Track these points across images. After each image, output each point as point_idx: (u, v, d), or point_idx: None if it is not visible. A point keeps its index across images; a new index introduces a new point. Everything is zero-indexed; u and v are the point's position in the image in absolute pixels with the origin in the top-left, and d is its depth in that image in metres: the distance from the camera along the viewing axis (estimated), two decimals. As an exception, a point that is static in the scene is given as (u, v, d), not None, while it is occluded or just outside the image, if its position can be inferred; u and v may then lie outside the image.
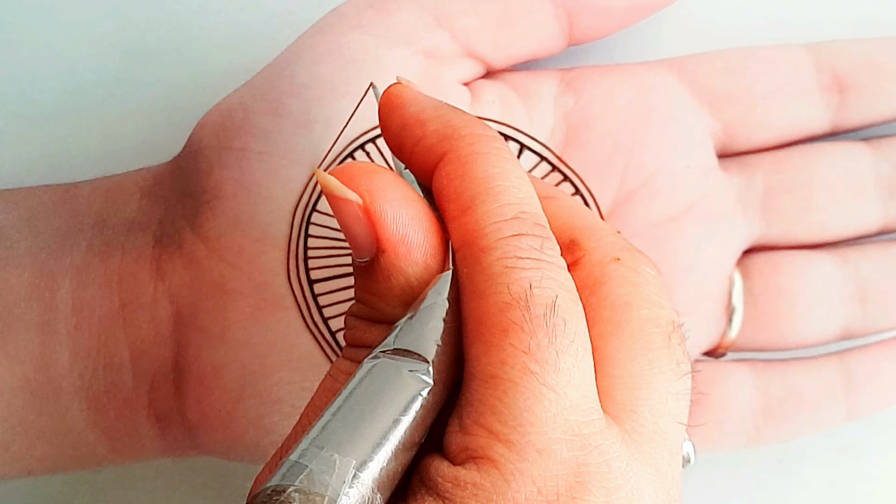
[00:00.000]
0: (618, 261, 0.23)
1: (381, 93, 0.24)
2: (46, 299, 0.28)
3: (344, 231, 0.23)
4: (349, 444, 0.19)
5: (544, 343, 0.20)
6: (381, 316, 0.23)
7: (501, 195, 0.22)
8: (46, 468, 0.29)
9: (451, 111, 0.24)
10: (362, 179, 0.22)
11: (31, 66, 0.34)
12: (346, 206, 0.22)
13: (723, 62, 0.31)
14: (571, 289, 0.21)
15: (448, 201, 0.22)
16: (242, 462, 0.29)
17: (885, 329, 0.31)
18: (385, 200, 0.22)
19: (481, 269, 0.21)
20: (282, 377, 0.28)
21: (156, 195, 0.29)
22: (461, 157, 0.22)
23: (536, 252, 0.21)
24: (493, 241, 0.21)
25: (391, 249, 0.22)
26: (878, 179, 0.31)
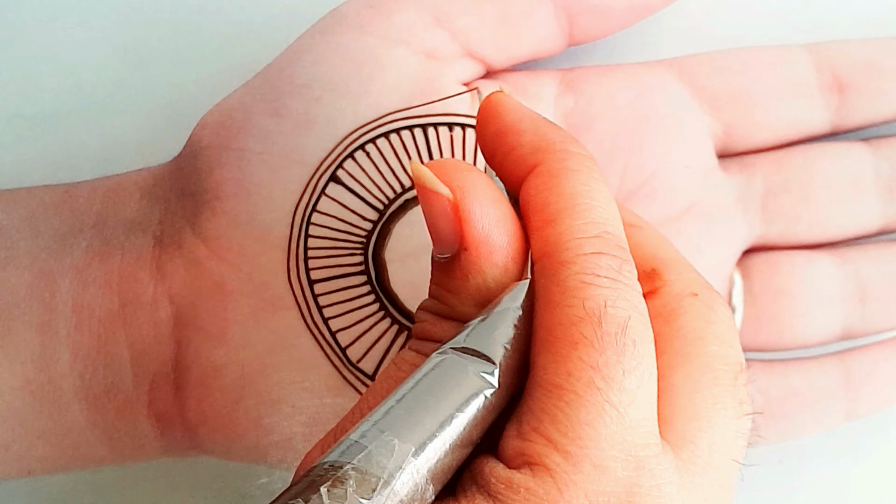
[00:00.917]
0: (695, 296, 0.23)
1: (483, 97, 0.25)
2: (46, 299, 0.28)
3: (429, 225, 0.23)
4: (409, 432, 0.20)
5: (612, 361, 0.20)
6: (452, 313, 0.23)
7: (587, 213, 0.22)
8: (46, 468, 0.29)
9: (548, 125, 0.24)
10: (455, 175, 0.22)
11: (32, 66, 0.34)
12: (435, 199, 0.22)
13: (723, 62, 0.31)
14: (644, 313, 0.22)
15: (533, 212, 0.23)
16: (242, 462, 0.29)
17: (885, 329, 0.31)
18: (475, 199, 0.22)
19: (558, 282, 0.21)
20: (282, 377, 0.28)
21: (156, 195, 0.29)
22: (552, 171, 0.23)
23: (615, 272, 0.21)
24: (573, 256, 0.22)
25: (474, 248, 0.22)
26: (878, 179, 0.31)
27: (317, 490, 0.18)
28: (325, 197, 0.29)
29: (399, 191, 0.30)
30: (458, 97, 0.30)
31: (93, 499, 0.32)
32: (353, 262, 0.29)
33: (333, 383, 0.28)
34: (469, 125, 0.30)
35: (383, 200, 0.29)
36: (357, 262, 0.29)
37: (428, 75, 0.30)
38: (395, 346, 0.29)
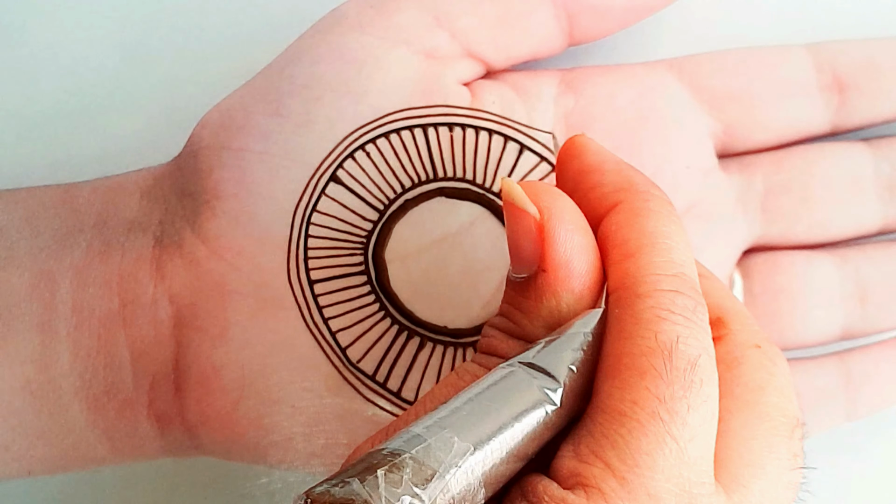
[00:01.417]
0: (758, 348, 0.24)
1: (563, 142, 0.26)
2: (46, 299, 0.28)
3: (511, 242, 0.23)
4: (469, 433, 0.20)
5: (678, 395, 0.21)
6: (520, 332, 0.23)
7: (666, 252, 0.23)
8: (46, 468, 0.29)
9: (630, 168, 0.25)
10: (544, 197, 0.23)
11: (32, 66, 0.34)
12: (522, 217, 0.23)
13: (723, 62, 0.31)
14: (713, 355, 0.22)
15: (613, 246, 0.23)
16: (242, 462, 0.29)
17: (885, 329, 0.31)
18: (561, 222, 0.23)
19: (633, 313, 0.22)
20: (282, 377, 0.28)
21: (156, 195, 0.29)
22: (634, 209, 0.23)
23: (689, 312, 0.22)
24: (650, 290, 0.22)
25: (553, 271, 0.23)
26: (877, 179, 0.31)
27: (374, 472, 0.18)
28: (326, 197, 0.29)
29: (399, 191, 0.30)
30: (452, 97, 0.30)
31: (93, 499, 0.32)
32: (353, 262, 0.29)
33: (333, 383, 0.28)
34: (469, 125, 0.30)
35: (383, 200, 0.29)
36: (357, 262, 0.29)
37: (428, 75, 0.30)
38: (395, 346, 0.29)
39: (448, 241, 0.30)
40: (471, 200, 0.30)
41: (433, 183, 0.30)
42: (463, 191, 0.30)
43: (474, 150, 0.30)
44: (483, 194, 0.30)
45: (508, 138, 0.30)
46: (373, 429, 0.28)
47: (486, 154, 0.30)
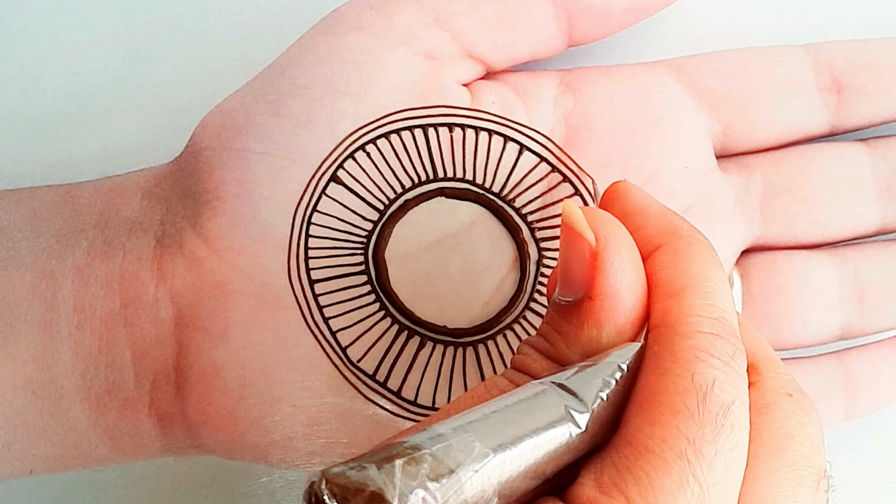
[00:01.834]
0: (790, 396, 0.23)
1: (603, 189, 0.26)
2: (48, 299, 0.28)
3: (562, 265, 0.23)
4: (491, 441, 0.20)
5: (708, 438, 0.21)
6: (555, 355, 0.23)
7: (709, 295, 0.23)
8: (48, 467, 0.29)
9: (673, 212, 0.25)
10: (604, 225, 0.23)
11: (33, 66, 0.34)
12: (577, 241, 0.22)
13: (722, 63, 0.31)
14: (746, 403, 0.22)
15: (656, 285, 0.23)
16: (243, 461, 0.29)
17: (884, 329, 0.31)
18: (616, 253, 0.22)
19: (672, 351, 0.22)
20: (283, 377, 0.28)
21: (157, 196, 0.29)
22: (678, 251, 0.23)
23: (728, 357, 0.22)
24: (691, 330, 0.22)
25: (599, 300, 0.22)
26: (876, 180, 0.31)
27: (392, 462, 0.18)
28: (326, 197, 0.29)
29: (399, 191, 0.30)
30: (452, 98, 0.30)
31: (94, 498, 0.32)
32: (353, 262, 0.29)
33: (334, 383, 0.28)
34: (469, 126, 0.30)
35: (383, 200, 0.30)
36: (357, 262, 0.29)
37: (428, 76, 0.30)
38: (395, 346, 0.29)
39: (448, 241, 0.30)
40: (471, 200, 0.30)
41: (433, 183, 0.30)
42: (463, 191, 0.30)
43: (474, 150, 0.30)
44: (483, 194, 0.30)
45: (508, 138, 0.30)
46: (373, 428, 0.28)
47: (486, 154, 0.30)
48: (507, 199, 0.30)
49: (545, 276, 0.30)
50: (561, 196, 0.30)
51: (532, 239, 0.30)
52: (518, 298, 0.30)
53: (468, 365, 0.29)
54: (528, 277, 0.30)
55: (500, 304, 0.30)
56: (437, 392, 0.29)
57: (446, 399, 0.29)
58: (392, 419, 0.28)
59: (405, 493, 0.18)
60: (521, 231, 0.30)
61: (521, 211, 0.30)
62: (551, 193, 0.30)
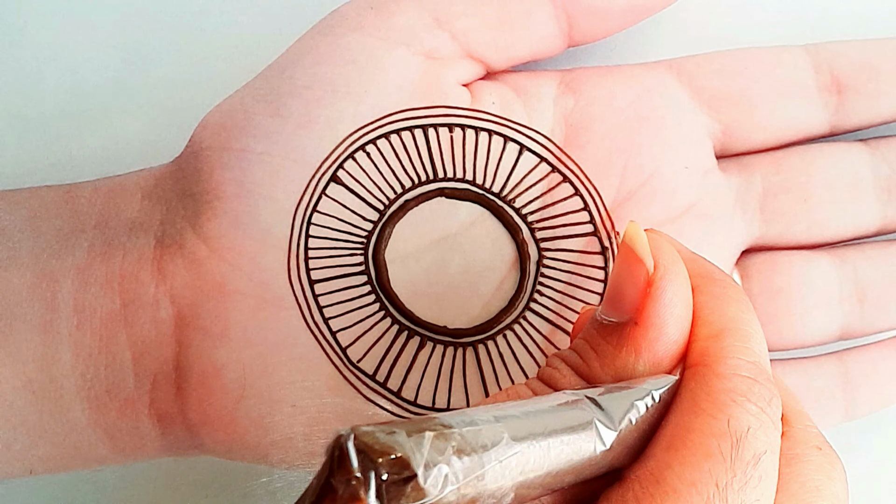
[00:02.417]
0: (820, 450, 0.23)
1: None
2: (48, 299, 0.28)
3: (613, 285, 0.23)
4: (520, 436, 0.19)
5: (735, 487, 0.20)
6: (587, 373, 0.23)
7: (748, 339, 0.22)
8: (48, 467, 0.29)
9: (705, 259, 0.25)
10: (664, 254, 0.22)
11: (33, 66, 0.34)
12: (635, 265, 0.22)
13: (722, 63, 0.31)
14: (777, 453, 0.22)
15: (694, 325, 0.23)
16: (243, 461, 0.29)
17: (884, 329, 0.31)
18: (672, 284, 0.22)
19: (709, 391, 0.21)
20: (283, 377, 0.28)
21: (157, 196, 0.29)
22: (714, 294, 0.23)
23: (764, 404, 0.22)
24: (729, 372, 0.22)
25: (644, 327, 0.22)
26: (876, 180, 0.31)
27: (423, 433, 0.18)
28: (326, 197, 0.29)
29: (399, 191, 0.30)
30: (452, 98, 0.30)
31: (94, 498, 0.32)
32: (353, 263, 0.29)
33: (334, 383, 0.28)
34: (469, 126, 0.30)
35: (383, 201, 0.30)
36: (357, 262, 0.29)
37: (428, 76, 0.30)
38: (395, 346, 0.29)
39: (448, 241, 0.30)
40: (471, 201, 0.30)
41: (433, 183, 0.30)
42: (463, 191, 0.30)
43: (474, 150, 0.30)
44: (483, 194, 0.30)
45: (508, 139, 0.30)
46: (373, 428, 0.28)
47: (486, 154, 0.30)
48: (507, 200, 0.30)
49: (545, 276, 0.30)
50: (561, 196, 0.30)
51: (532, 239, 0.30)
52: (518, 298, 0.30)
53: (468, 365, 0.29)
54: (528, 277, 0.30)
55: (500, 304, 0.30)
56: (437, 392, 0.29)
57: (446, 399, 0.29)
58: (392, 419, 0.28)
59: (430, 465, 0.18)
60: (521, 231, 0.30)
61: (521, 211, 0.30)
62: (551, 193, 0.30)
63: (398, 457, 0.17)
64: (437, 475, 0.18)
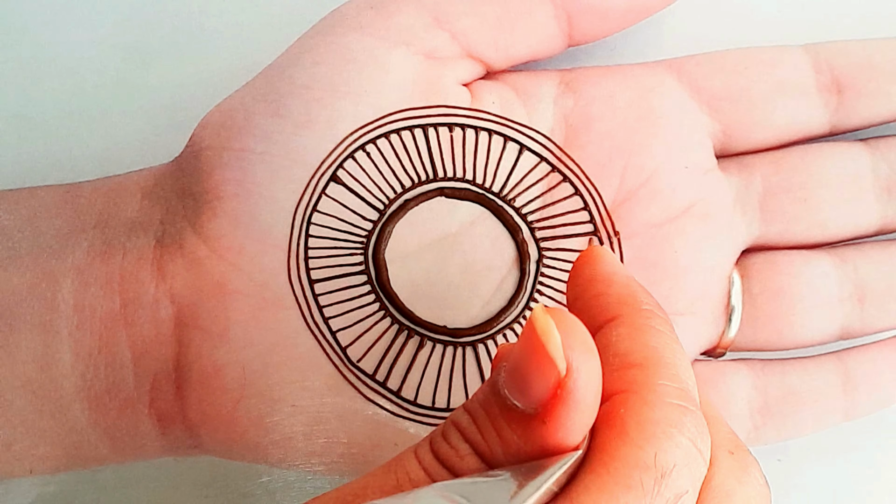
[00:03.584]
0: (732, 454, 0.23)
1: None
2: (48, 299, 0.28)
3: (519, 369, 0.20)
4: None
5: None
6: (488, 456, 0.21)
7: (672, 367, 0.22)
8: (48, 467, 0.29)
9: (637, 286, 0.24)
10: (579, 353, 0.20)
11: (33, 66, 0.34)
12: (546, 364, 0.20)
13: (722, 63, 0.31)
14: (698, 490, 0.21)
15: (615, 356, 0.22)
16: (243, 461, 0.29)
17: (884, 329, 0.31)
18: (587, 391, 0.20)
19: (638, 420, 0.21)
20: (282, 377, 0.28)
21: (157, 195, 0.29)
22: (636, 325, 0.22)
23: (694, 436, 0.21)
24: (659, 400, 0.21)
25: (553, 428, 0.20)
26: (876, 180, 0.31)
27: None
28: (326, 197, 0.29)
29: (399, 191, 0.30)
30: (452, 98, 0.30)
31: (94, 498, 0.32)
32: (353, 262, 0.29)
33: (334, 383, 0.28)
34: (469, 125, 0.30)
35: (383, 200, 0.30)
36: (357, 262, 0.29)
37: (428, 76, 0.30)
38: (394, 346, 0.29)
39: (448, 241, 0.30)
40: (471, 200, 0.30)
41: (433, 183, 0.30)
42: (463, 191, 0.30)
43: (474, 150, 0.30)
44: (483, 194, 0.30)
45: (508, 138, 0.30)
46: (373, 428, 0.28)
47: (486, 154, 0.30)
48: (507, 199, 0.30)
49: (545, 275, 0.30)
50: (561, 196, 0.30)
51: (532, 239, 0.30)
52: (518, 298, 0.30)
53: (468, 365, 0.29)
54: (528, 277, 0.30)
55: (500, 304, 0.30)
56: (436, 392, 0.29)
57: (446, 399, 0.29)
58: (392, 419, 0.28)
59: None
60: (521, 231, 0.30)
61: (521, 211, 0.30)
62: (551, 193, 0.30)
63: None
64: None
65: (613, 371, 0.22)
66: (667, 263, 0.30)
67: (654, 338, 0.22)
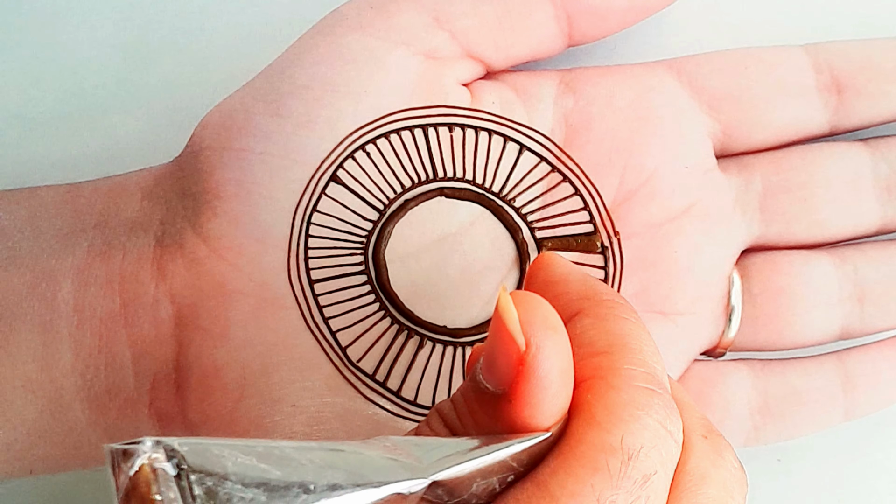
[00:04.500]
0: (706, 438, 0.23)
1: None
2: (48, 299, 0.28)
3: (488, 353, 0.21)
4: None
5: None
6: (460, 433, 0.22)
7: (638, 351, 0.22)
8: (48, 467, 0.29)
9: (595, 280, 0.24)
10: (539, 330, 0.20)
11: (33, 66, 0.34)
12: (507, 341, 0.20)
13: (722, 63, 0.31)
14: (670, 472, 0.21)
15: (579, 346, 0.22)
16: (243, 461, 0.29)
17: (884, 329, 0.31)
18: (546, 361, 0.20)
19: (605, 404, 0.21)
20: (282, 377, 0.28)
21: (157, 195, 0.29)
22: (599, 314, 0.22)
23: (663, 417, 0.21)
24: (625, 383, 0.21)
25: (519, 406, 0.21)
26: (876, 180, 0.31)
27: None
28: (326, 197, 0.29)
29: (399, 191, 0.30)
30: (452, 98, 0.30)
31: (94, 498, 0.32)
32: (353, 262, 0.29)
33: (334, 383, 0.28)
34: (469, 125, 0.30)
35: (383, 200, 0.30)
36: (357, 262, 0.29)
37: (428, 76, 0.30)
38: (394, 346, 0.29)
39: (448, 241, 0.30)
40: (471, 200, 0.30)
41: (433, 183, 0.30)
42: (463, 191, 0.30)
43: (474, 150, 0.30)
44: (483, 194, 0.30)
45: (508, 138, 0.30)
46: (373, 428, 0.28)
47: (486, 154, 0.30)
48: (507, 199, 0.30)
49: (545, 276, 0.30)
50: (561, 196, 0.30)
51: (532, 239, 0.30)
52: (518, 298, 0.30)
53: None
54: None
55: (500, 304, 0.30)
56: (436, 392, 0.29)
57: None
58: (392, 419, 0.28)
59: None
60: (521, 231, 0.30)
61: (521, 211, 0.30)
62: (551, 193, 0.30)
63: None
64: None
65: (580, 360, 0.22)
66: (667, 263, 0.30)
67: (619, 325, 0.22)
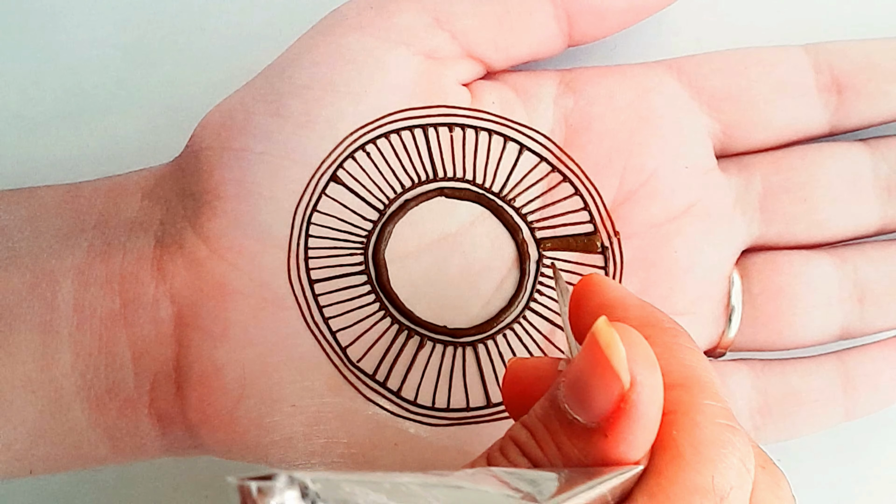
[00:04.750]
0: (764, 469, 0.23)
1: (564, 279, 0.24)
2: (48, 299, 0.28)
3: (580, 382, 0.20)
4: None
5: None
6: (542, 465, 0.21)
7: (711, 385, 0.21)
8: (48, 467, 0.29)
9: (653, 306, 0.23)
10: (642, 367, 0.20)
11: (33, 66, 0.34)
12: (609, 377, 0.20)
13: (722, 63, 0.31)
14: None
15: None
16: (243, 461, 0.29)
17: (884, 329, 0.31)
18: (651, 405, 0.20)
19: (692, 442, 0.20)
20: (282, 377, 0.28)
21: (157, 196, 0.29)
22: (666, 344, 0.22)
23: (745, 455, 0.21)
24: (707, 421, 0.21)
25: (615, 442, 0.20)
26: (876, 180, 0.31)
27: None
28: (326, 197, 0.29)
29: (399, 191, 0.30)
30: (452, 98, 0.30)
31: (94, 498, 0.32)
32: (353, 262, 0.29)
33: (334, 383, 0.28)
34: (469, 125, 0.30)
35: (383, 200, 0.30)
36: (357, 262, 0.29)
37: (428, 76, 0.30)
38: (394, 346, 0.29)
39: (448, 241, 0.30)
40: (471, 200, 0.30)
41: (433, 183, 0.30)
42: (463, 191, 0.30)
43: (474, 150, 0.30)
44: (483, 194, 0.30)
45: (508, 138, 0.30)
46: (373, 428, 0.28)
47: (486, 154, 0.30)
48: (507, 199, 0.30)
49: (545, 275, 0.30)
50: (561, 196, 0.30)
51: (532, 239, 0.30)
52: (518, 298, 0.30)
53: (468, 365, 0.29)
54: (528, 277, 0.30)
55: (500, 304, 0.30)
56: (436, 392, 0.29)
57: (446, 399, 0.29)
58: (392, 419, 0.28)
59: None
60: (521, 231, 0.30)
61: (521, 211, 0.30)
62: (551, 193, 0.30)
63: None
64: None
65: None
66: (667, 263, 0.30)
67: (688, 356, 0.22)
